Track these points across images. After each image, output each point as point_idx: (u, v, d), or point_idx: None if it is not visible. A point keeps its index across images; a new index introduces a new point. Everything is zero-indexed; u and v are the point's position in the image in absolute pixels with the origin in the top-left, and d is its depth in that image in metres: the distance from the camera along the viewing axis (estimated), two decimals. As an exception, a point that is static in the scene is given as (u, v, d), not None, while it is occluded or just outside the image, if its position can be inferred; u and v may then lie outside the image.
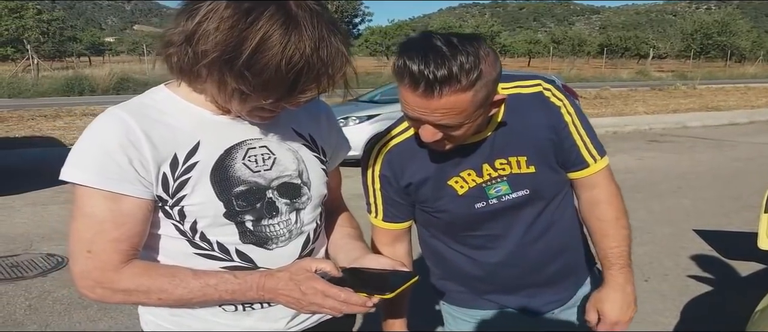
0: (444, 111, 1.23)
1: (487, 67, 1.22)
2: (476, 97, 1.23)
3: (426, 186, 1.49)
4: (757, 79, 34.64)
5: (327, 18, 1.03)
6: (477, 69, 1.19)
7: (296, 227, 1.26)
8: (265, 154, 1.21)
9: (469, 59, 1.18)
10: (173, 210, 1.14)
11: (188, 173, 1.12)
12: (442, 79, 1.17)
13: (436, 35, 1.22)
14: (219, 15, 0.98)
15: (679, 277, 4.33)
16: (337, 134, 1.43)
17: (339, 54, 1.04)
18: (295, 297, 1.11)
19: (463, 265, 1.60)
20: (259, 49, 0.97)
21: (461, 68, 1.18)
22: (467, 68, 1.18)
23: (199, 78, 1.07)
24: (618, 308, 1.50)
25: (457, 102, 1.21)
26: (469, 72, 1.19)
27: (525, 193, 1.48)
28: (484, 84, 1.23)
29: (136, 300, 1.15)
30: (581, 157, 1.49)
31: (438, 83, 1.18)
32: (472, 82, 1.20)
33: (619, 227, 1.53)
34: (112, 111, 1.11)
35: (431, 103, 1.21)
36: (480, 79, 1.21)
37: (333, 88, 1.08)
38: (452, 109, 1.22)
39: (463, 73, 1.18)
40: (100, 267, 1.10)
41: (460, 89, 1.20)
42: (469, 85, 1.20)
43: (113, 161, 1.06)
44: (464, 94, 1.21)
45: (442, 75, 1.17)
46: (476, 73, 1.20)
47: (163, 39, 1.09)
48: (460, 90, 1.20)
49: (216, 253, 1.18)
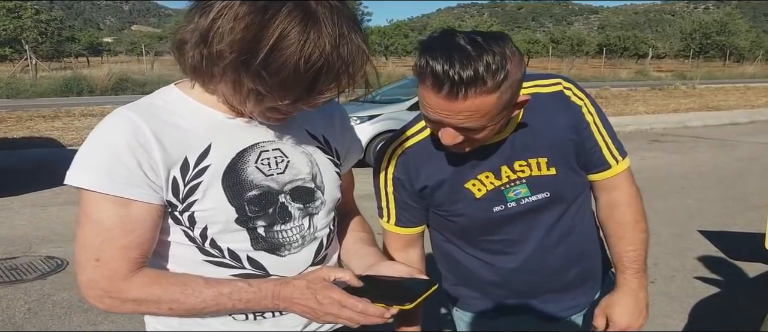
0: (468, 113, 1.17)
1: (513, 67, 1.16)
2: (501, 99, 1.18)
3: (442, 189, 1.43)
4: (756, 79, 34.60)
5: (347, 14, 0.98)
6: (504, 69, 1.14)
7: (309, 233, 1.21)
8: (278, 156, 1.16)
9: (496, 59, 1.12)
10: (183, 216, 1.09)
11: (199, 177, 1.08)
12: (467, 80, 1.11)
13: (460, 33, 1.16)
14: (234, 12, 0.93)
15: (686, 279, 4.28)
16: (351, 135, 1.38)
17: (360, 51, 0.99)
18: (311, 307, 1.07)
19: (479, 271, 1.54)
20: (277, 47, 0.92)
21: (488, 69, 1.12)
22: (494, 69, 1.12)
23: (213, 78, 1.02)
24: (629, 313, 1.46)
25: (482, 104, 1.16)
26: (496, 73, 1.13)
27: (545, 196, 1.42)
28: (510, 85, 1.17)
29: (146, 310, 1.10)
30: (603, 158, 1.44)
31: (463, 84, 1.12)
32: (498, 84, 1.14)
33: (638, 231, 1.48)
34: (120, 111, 1.07)
35: (455, 105, 1.16)
36: (506, 79, 1.15)
37: (353, 88, 1.03)
38: (476, 112, 1.17)
39: (489, 74, 1.12)
40: (108, 276, 1.05)
41: (486, 91, 1.14)
42: (495, 87, 1.14)
43: (122, 164, 1.01)
44: (490, 96, 1.15)
45: (468, 76, 1.11)
46: (503, 74, 1.14)
47: (175, 37, 1.04)
48: (485, 92, 1.14)
49: (226, 260, 1.14)
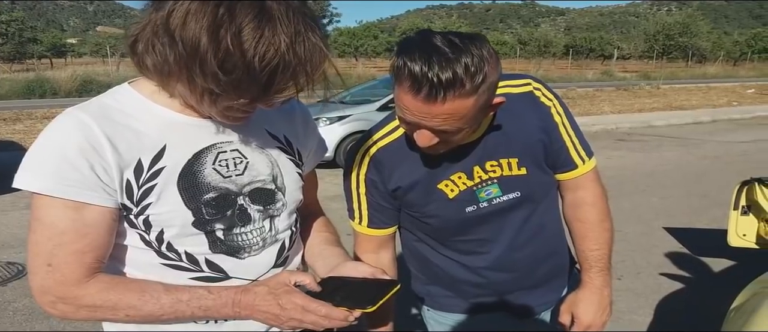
0: (446, 116, 1.14)
1: (491, 69, 1.14)
2: (479, 101, 1.16)
3: (415, 190, 1.42)
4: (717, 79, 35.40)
5: (304, 13, 0.95)
6: (482, 72, 1.12)
7: (270, 235, 1.18)
8: (236, 158, 1.13)
9: (474, 61, 1.10)
10: (138, 220, 1.05)
11: (154, 180, 1.04)
12: (446, 82, 1.09)
13: (437, 34, 1.14)
14: (185, 9, 0.90)
15: (651, 275, 4.35)
16: (314, 135, 1.35)
17: (317, 50, 0.95)
18: (274, 313, 1.04)
19: (451, 269, 1.54)
20: (230, 46, 0.89)
21: (466, 71, 1.09)
22: (472, 71, 1.10)
23: (168, 77, 0.98)
24: (593, 311, 1.47)
25: (461, 107, 1.13)
26: (474, 75, 1.10)
27: (516, 196, 1.43)
28: (488, 87, 1.16)
29: (102, 317, 1.06)
30: (570, 158, 1.45)
31: (442, 87, 1.09)
32: (476, 86, 1.12)
33: (602, 230, 1.49)
34: (70, 112, 1.02)
35: (433, 108, 1.13)
36: (484, 82, 1.13)
37: (312, 87, 1.00)
38: (454, 114, 1.15)
39: (468, 77, 1.10)
40: (61, 282, 1.01)
41: (465, 93, 1.12)
42: (474, 89, 1.12)
43: (73, 167, 0.97)
44: (468, 99, 1.13)
45: (447, 78, 1.08)
46: (481, 77, 1.12)
47: (128, 36, 1.00)
48: (464, 94, 1.12)
49: (184, 264, 1.10)
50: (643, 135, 12.35)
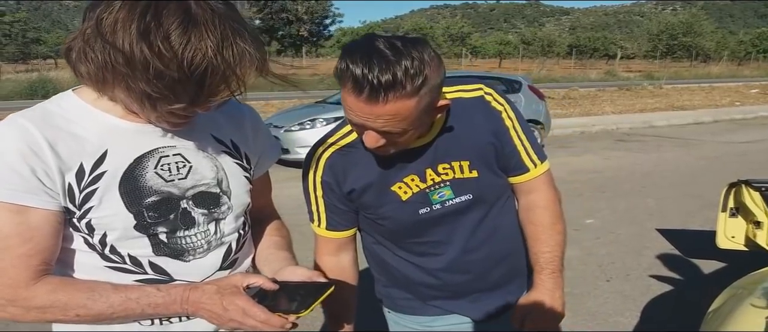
0: (388, 117, 1.18)
1: (431, 72, 1.18)
2: (421, 103, 1.20)
3: (369, 192, 1.44)
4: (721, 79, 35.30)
5: (232, 18, 0.97)
6: (422, 74, 1.16)
7: (216, 238, 1.20)
8: (179, 162, 1.14)
9: (414, 64, 1.14)
10: (81, 223, 1.07)
11: (95, 184, 1.05)
12: (386, 84, 1.13)
13: (380, 38, 1.17)
14: (114, 17, 0.91)
15: (641, 277, 4.34)
16: (265, 139, 1.36)
17: (246, 55, 0.97)
18: (216, 313, 1.07)
19: (409, 272, 1.56)
20: (159, 51, 0.90)
21: (406, 73, 1.13)
22: (412, 73, 1.14)
23: (107, 83, 1.00)
24: (544, 312, 1.48)
25: (402, 108, 1.17)
26: (414, 77, 1.15)
27: (468, 198, 1.45)
28: (429, 90, 1.19)
29: (52, 318, 1.07)
30: (521, 161, 1.47)
31: (382, 88, 1.13)
32: (417, 88, 1.16)
33: (554, 233, 1.50)
34: (12, 118, 1.04)
35: (375, 109, 1.17)
36: (425, 84, 1.17)
37: (244, 90, 1.01)
38: (396, 115, 1.18)
39: (407, 79, 1.14)
40: (9, 285, 1.02)
41: (405, 95, 1.16)
42: (414, 91, 1.16)
43: (14, 172, 0.99)
44: (409, 100, 1.17)
45: (387, 80, 1.13)
46: (421, 79, 1.16)
47: (64, 45, 1.02)
48: (404, 96, 1.16)
49: (128, 266, 1.12)
50: (644, 135, 12.32)
